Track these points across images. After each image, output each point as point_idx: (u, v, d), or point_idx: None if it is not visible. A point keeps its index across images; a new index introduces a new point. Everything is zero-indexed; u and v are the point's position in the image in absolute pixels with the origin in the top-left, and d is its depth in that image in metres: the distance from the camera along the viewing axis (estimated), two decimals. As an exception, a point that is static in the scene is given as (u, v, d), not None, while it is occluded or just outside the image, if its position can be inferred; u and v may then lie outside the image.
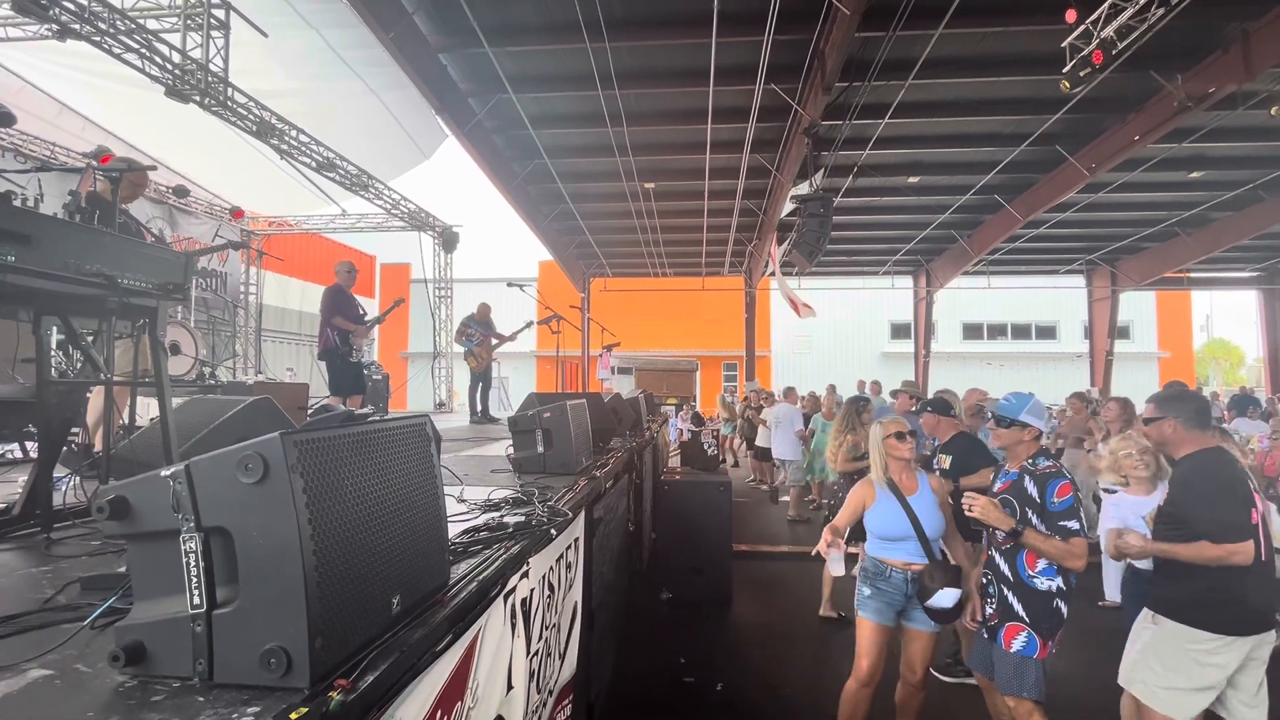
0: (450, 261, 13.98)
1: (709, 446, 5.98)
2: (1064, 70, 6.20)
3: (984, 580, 2.65)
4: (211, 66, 6.53)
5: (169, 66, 6.33)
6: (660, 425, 9.01)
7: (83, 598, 1.35)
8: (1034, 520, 2.42)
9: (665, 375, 16.96)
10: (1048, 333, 26.15)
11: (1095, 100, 8.37)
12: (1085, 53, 6.02)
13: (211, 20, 6.43)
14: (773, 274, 14.36)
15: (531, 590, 1.86)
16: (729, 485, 5.44)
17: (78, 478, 2.43)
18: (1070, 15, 5.91)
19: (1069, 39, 6.12)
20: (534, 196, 12.65)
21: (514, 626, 1.67)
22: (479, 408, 7.69)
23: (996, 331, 26.41)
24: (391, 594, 1.13)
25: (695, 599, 5.13)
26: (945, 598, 2.61)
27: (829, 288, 20.46)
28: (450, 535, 1.53)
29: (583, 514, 2.77)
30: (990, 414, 2.79)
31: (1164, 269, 16.12)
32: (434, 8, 7.18)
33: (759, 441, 10.14)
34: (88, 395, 2.89)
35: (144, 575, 1.00)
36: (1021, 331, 26.35)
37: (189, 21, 6.38)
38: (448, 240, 13.69)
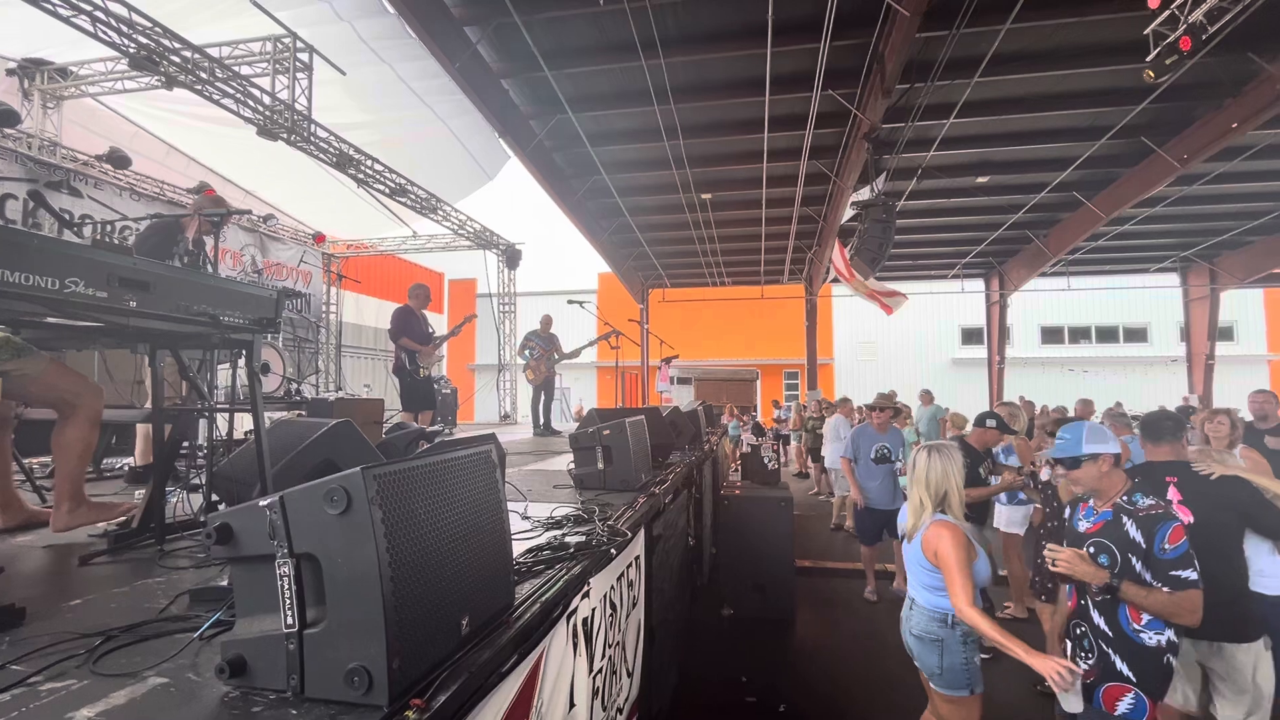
0: (513, 277, 14.41)
1: (769, 460, 5.90)
2: (1147, 59, 5.82)
3: (1077, 631, 2.34)
4: (297, 106, 7.05)
5: (260, 108, 6.88)
6: (720, 437, 8.94)
7: (192, 609, 1.49)
8: (1138, 567, 2.16)
9: (725, 385, 16.81)
10: (1138, 335, 24.14)
11: (1185, 88, 7.81)
12: (1171, 39, 5.63)
13: (297, 63, 6.95)
14: (835, 281, 14.02)
15: (593, 610, 1.91)
16: (790, 501, 5.35)
17: (184, 491, 2.69)
18: (1153, 1, 5.56)
19: (1152, 26, 5.73)
20: (593, 211, 12.88)
21: (575, 646, 1.72)
22: (541, 420, 7.85)
23: (1079, 335, 24.51)
24: (461, 615, 1.20)
25: (757, 616, 5.07)
26: None
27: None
28: (515, 554, 1.60)
29: (642, 532, 2.81)
30: (1050, 461, 2.50)
31: (1273, 265, 14.70)
32: (496, 36, 7.47)
33: (823, 452, 9.93)
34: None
35: (245, 595, 1.10)
36: (1108, 334, 24.39)
37: (277, 65, 6.93)
38: (511, 257, 14.13)
